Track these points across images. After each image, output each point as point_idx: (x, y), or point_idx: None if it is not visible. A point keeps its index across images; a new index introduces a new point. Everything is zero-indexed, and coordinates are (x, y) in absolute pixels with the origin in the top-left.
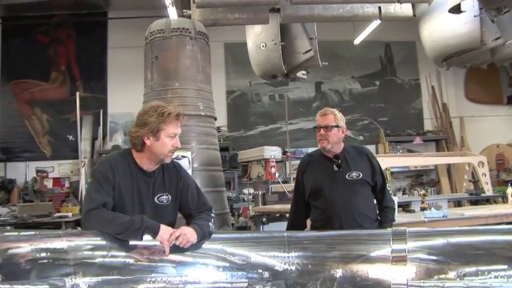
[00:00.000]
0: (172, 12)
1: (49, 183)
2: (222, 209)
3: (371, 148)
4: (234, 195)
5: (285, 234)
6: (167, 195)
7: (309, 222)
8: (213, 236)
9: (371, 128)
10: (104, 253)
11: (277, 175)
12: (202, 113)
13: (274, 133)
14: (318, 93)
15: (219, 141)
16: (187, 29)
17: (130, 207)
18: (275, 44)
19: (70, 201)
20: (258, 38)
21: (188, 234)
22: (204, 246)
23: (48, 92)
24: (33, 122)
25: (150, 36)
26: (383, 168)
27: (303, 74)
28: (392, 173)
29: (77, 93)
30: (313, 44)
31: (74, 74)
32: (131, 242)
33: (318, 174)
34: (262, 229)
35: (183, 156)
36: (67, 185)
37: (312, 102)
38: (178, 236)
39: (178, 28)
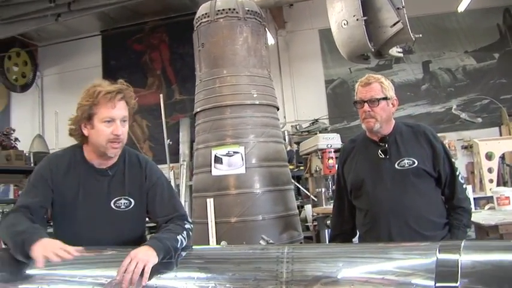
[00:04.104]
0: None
1: None
2: (285, 210)
3: (493, 131)
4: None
5: (286, 250)
6: (127, 199)
7: None
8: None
9: (492, 108)
10: None
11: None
12: (257, 102)
13: None
14: (427, 74)
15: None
16: (234, 9)
17: (72, 214)
18: (357, 19)
19: None
20: (339, 16)
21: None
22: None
23: (145, 98)
24: (134, 129)
25: (197, 22)
26: (500, 153)
27: (399, 52)
28: None
29: (161, 95)
30: (401, 14)
31: (169, 77)
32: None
33: (359, 164)
34: (327, 234)
35: (235, 152)
36: None
37: (420, 84)
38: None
39: (223, 9)
